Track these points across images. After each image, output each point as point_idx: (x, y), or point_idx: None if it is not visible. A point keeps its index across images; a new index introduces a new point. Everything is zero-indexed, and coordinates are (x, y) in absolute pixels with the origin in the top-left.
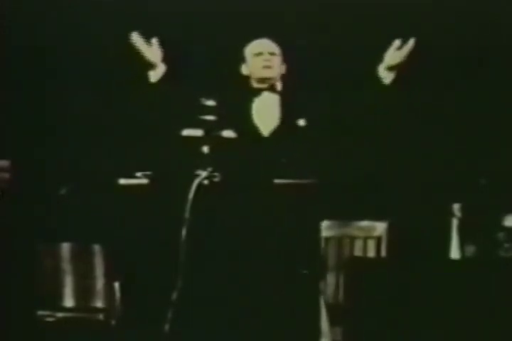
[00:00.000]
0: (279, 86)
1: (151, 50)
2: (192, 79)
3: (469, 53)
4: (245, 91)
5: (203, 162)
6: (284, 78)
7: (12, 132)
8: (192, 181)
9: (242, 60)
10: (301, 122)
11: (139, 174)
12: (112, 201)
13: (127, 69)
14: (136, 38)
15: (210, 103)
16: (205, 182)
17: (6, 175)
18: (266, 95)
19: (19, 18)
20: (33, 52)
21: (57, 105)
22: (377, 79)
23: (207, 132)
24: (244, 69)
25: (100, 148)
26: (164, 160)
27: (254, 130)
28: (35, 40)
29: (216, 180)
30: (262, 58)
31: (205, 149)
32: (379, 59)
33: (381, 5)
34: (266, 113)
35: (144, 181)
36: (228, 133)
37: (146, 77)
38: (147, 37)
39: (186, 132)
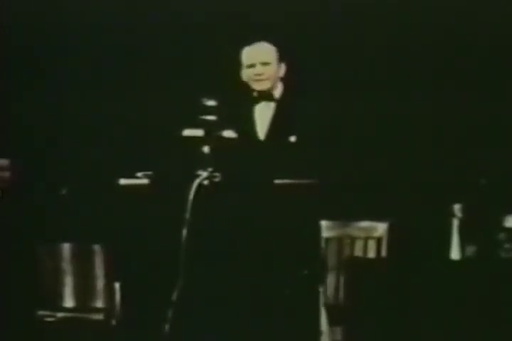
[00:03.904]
0: (277, 92)
1: None
2: (193, 80)
3: (470, 53)
4: (246, 92)
5: (203, 162)
6: (285, 81)
7: (12, 132)
8: (192, 181)
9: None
10: (293, 138)
11: (139, 174)
12: (112, 201)
13: (128, 69)
14: None
15: (211, 103)
16: (206, 182)
17: (6, 174)
18: (263, 104)
19: (19, 18)
20: (33, 52)
21: (57, 105)
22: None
23: (207, 132)
24: (243, 76)
25: (100, 148)
26: (165, 160)
27: (254, 130)
28: (35, 40)
29: (216, 180)
30: (253, 71)
31: (206, 149)
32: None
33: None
34: (262, 120)
35: (145, 181)
36: (229, 134)
37: (147, 77)
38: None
39: (187, 132)
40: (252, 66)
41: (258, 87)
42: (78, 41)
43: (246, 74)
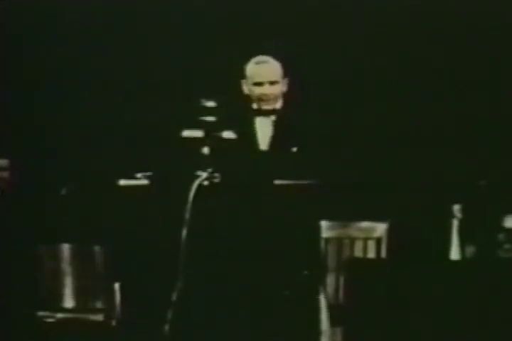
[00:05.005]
0: (278, 104)
1: None
2: (193, 80)
3: (470, 53)
4: (246, 105)
5: (203, 163)
6: (285, 94)
7: (12, 132)
8: (192, 182)
9: (243, 74)
10: (294, 149)
11: (139, 175)
12: (112, 202)
13: (128, 69)
14: None
15: (211, 104)
16: (205, 183)
17: (6, 174)
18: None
19: (19, 18)
20: (33, 52)
21: (57, 105)
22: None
23: (207, 133)
24: (245, 88)
25: (100, 149)
26: (164, 161)
27: (254, 131)
28: (36, 40)
29: (216, 180)
30: (260, 90)
31: (206, 150)
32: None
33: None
34: (263, 131)
35: (144, 182)
36: (228, 134)
37: (147, 78)
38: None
39: (186, 133)
40: (259, 84)
41: (264, 106)
42: (78, 41)
43: (252, 91)
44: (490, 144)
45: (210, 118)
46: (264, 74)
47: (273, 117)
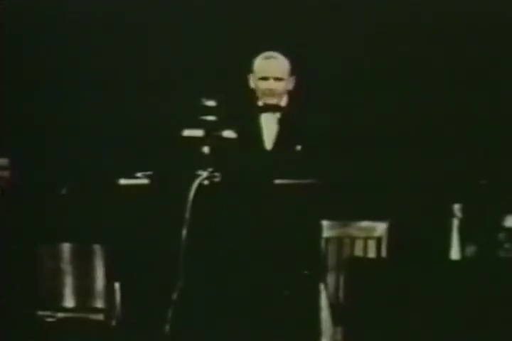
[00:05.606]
0: (283, 101)
1: None
2: (193, 80)
3: (470, 53)
4: (251, 102)
5: (203, 162)
6: (290, 92)
7: (12, 132)
8: (192, 181)
9: (248, 67)
10: (298, 147)
11: (139, 174)
12: (112, 201)
13: (128, 69)
14: None
15: (211, 103)
16: (206, 182)
17: (6, 173)
18: (270, 113)
19: (19, 18)
20: (33, 52)
21: (57, 105)
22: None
23: (207, 132)
24: (251, 82)
25: (100, 148)
26: (165, 160)
27: (259, 128)
28: (36, 40)
29: (216, 180)
30: (265, 85)
31: (206, 149)
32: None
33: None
34: (268, 129)
35: (145, 181)
36: (229, 134)
37: (147, 78)
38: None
39: (187, 132)
40: (265, 79)
41: (268, 100)
42: (78, 41)
43: (257, 86)
44: (490, 144)
45: (211, 118)
46: (270, 70)
47: (278, 115)
